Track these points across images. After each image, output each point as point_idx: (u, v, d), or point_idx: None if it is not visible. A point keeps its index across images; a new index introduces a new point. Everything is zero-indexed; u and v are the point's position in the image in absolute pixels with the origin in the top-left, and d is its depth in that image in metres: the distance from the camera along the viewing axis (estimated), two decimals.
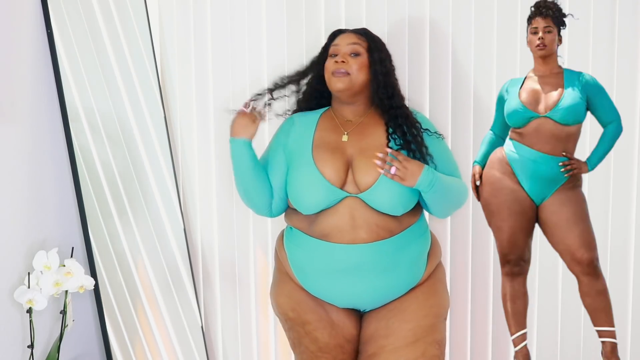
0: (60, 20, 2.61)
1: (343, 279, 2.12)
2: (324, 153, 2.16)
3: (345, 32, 2.25)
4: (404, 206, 2.12)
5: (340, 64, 2.16)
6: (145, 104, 2.85)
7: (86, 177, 2.65)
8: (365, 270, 2.10)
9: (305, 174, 2.15)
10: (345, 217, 2.10)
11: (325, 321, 2.20)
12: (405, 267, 2.13)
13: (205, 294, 3.03)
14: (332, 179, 2.11)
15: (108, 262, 2.71)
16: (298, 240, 2.20)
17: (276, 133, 2.33)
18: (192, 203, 3.00)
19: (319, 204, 2.12)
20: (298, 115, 2.32)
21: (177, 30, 2.95)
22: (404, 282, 2.16)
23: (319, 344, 2.19)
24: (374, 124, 2.21)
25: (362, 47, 2.20)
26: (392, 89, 2.20)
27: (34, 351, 2.42)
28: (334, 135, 2.20)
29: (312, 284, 2.18)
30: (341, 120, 2.23)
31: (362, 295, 2.15)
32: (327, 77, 2.20)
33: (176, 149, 2.97)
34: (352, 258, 2.09)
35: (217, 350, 3.05)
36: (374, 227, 2.10)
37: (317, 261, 2.14)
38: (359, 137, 2.18)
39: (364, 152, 2.14)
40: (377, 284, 2.13)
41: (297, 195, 2.16)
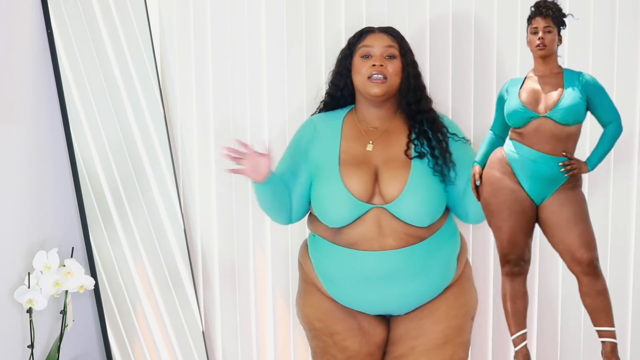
0: (60, 20, 2.61)
1: (374, 286, 2.09)
2: (351, 167, 2.11)
3: (374, 31, 2.19)
4: (431, 217, 2.08)
5: (378, 67, 2.11)
6: (145, 104, 2.85)
7: (86, 177, 2.65)
8: (396, 276, 2.06)
9: (332, 190, 2.10)
10: (373, 226, 2.06)
11: (355, 330, 2.16)
12: (436, 270, 2.11)
13: (205, 295, 3.03)
14: (360, 194, 2.06)
15: (108, 262, 2.71)
16: (324, 249, 2.15)
17: (296, 137, 2.26)
18: (192, 203, 3.00)
19: (346, 219, 2.08)
20: (319, 120, 2.24)
21: (177, 30, 2.95)
22: (436, 286, 2.13)
23: (348, 353, 2.16)
24: (398, 132, 2.15)
25: (396, 49, 2.16)
26: (421, 92, 2.15)
27: (34, 351, 2.42)
28: (358, 145, 2.15)
29: (341, 293, 2.15)
30: (365, 127, 2.17)
31: (394, 302, 2.12)
32: (359, 79, 2.14)
33: (176, 149, 2.96)
34: (382, 265, 2.06)
35: (217, 350, 3.05)
36: (403, 235, 2.06)
37: (346, 270, 2.10)
38: (384, 147, 2.13)
39: (389, 164, 2.09)
40: (409, 290, 2.09)
41: (324, 210, 2.12)
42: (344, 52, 2.21)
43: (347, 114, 2.23)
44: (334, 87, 2.24)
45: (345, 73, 2.20)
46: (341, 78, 2.21)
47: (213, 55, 2.95)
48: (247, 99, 2.96)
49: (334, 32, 2.85)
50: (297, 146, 2.24)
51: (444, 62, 2.88)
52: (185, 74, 2.96)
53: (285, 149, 2.29)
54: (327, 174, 2.13)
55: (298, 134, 2.27)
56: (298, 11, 2.89)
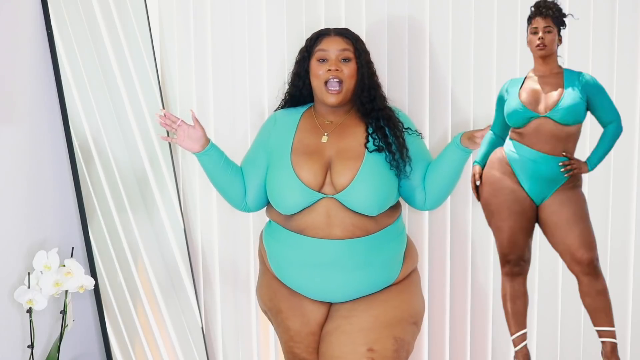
0: (60, 20, 2.61)
1: (316, 273, 2.16)
2: (302, 156, 2.20)
3: (330, 34, 2.26)
4: (379, 207, 2.15)
5: (334, 72, 2.19)
6: (145, 104, 2.85)
7: (86, 177, 2.65)
8: (339, 265, 2.13)
9: (283, 177, 2.19)
10: (321, 216, 2.14)
11: (297, 309, 2.24)
12: (378, 265, 2.16)
13: (205, 294, 3.03)
14: (310, 182, 2.15)
15: (108, 262, 2.71)
16: (276, 233, 2.25)
17: (259, 131, 2.39)
18: (192, 203, 3.00)
19: (296, 206, 2.16)
20: (280, 114, 2.36)
21: (177, 30, 2.95)
22: (377, 280, 2.18)
23: (291, 333, 2.24)
24: (354, 125, 2.25)
25: (351, 51, 2.23)
26: (375, 91, 2.23)
27: (34, 351, 2.42)
28: (313, 137, 2.24)
29: (286, 276, 2.23)
30: (321, 121, 2.26)
31: (335, 290, 2.18)
32: (316, 85, 2.23)
33: (176, 149, 2.97)
34: (326, 253, 2.13)
35: (217, 350, 3.05)
36: (350, 226, 2.13)
37: (292, 254, 2.18)
38: (338, 139, 2.22)
39: (342, 154, 2.18)
40: (350, 280, 2.16)
41: (275, 197, 2.21)
42: (302, 54, 2.31)
43: (306, 110, 2.33)
44: (294, 88, 2.33)
45: (303, 74, 2.30)
46: (300, 79, 2.31)
47: (213, 55, 2.95)
48: (247, 98, 2.96)
49: None
50: (259, 139, 2.36)
51: (444, 62, 2.88)
52: (185, 74, 2.96)
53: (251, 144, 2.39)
54: (279, 162, 2.23)
55: (261, 128, 2.40)
56: (298, 11, 2.89)
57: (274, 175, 2.23)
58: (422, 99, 2.90)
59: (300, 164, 2.18)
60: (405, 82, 2.90)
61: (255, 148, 2.34)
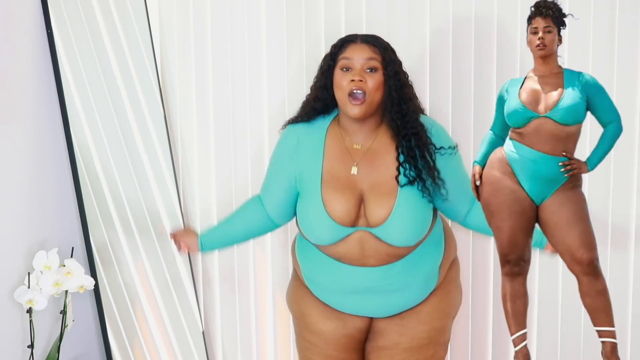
0: (60, 20, 2.61)
1: (354, 296, 2.10)
2: (333, 191, 2.06)
3: (356, 41, 2.08)
4: (417, 239, 2.06)
5: (357, 82, 2.01)
6: (145, 104, 2.85)
7: (86, 177, 2.65)
8: (376, 290, 2.07)
9: (314, 213, 2.07)
10: (355, 248, 2.05)
11: (330, 313, 2.17)
12: (417, 283, 2.11)
13: (205, 295, 3.03)
14: (343, 220, 2.03)
15: (108, 262, 2.71)
16: (310, 254, 2.15)
17: (278, 149, 2.20)
18: (192, 203, 3.00)
19: (326, 240, 2.06)
20: (302, 131, 2.16)
21: (177, 30, 2.95)
22: (417, 297, 2.13)
23: (325, 335, 2.17)
24: (384, 151, 2.08)
25: (378, 60, 2.05)
26: (406, 105, 2.06)
27: (34, 351, 2.42)
28: (343, 166, 2.08)
29: (322, 295, 2.17)
30: (349, 144, 2.10)
31: (373, 310, 2.14)
32: (340, 96, 2.05)
33: (176, 149, 2.96)
34: (362, 280, 2.06)
35: (217, 350, 3.05)
36: (385, 256, 2.06)
37: (328, 278, 2.11)
38: (369, 169, 2.06)
39: (375, 189, 2.03)
40: (389, 302, 2.11)
41: (306, 230, 2.11)
42: (327, 62, 2.12)
43: (330, 125, 2.15)
44: (319, 101, 2.14)
45: (328, 85, 2.11)
46: (325, 91, 2.12)
47: (213, 55, 2.95)
48: (247, 98, 2.96)
49: (334, 32, 2.85)
50: (279, 161, 2.19)
51: (444, 62, 2.88)
52: (185, 74, 2.96)
53: (270, 160, 2.24)
54: (309, 195, 2.09)
55: (280, 147, 2.20)
56: (298, 11, 2.89)
57: (305, 209, 2.10)
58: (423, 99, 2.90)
59: (332, 201, 2.04)
60: None
61: (277, 171, 2.18)
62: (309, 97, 2.18)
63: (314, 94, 2.15)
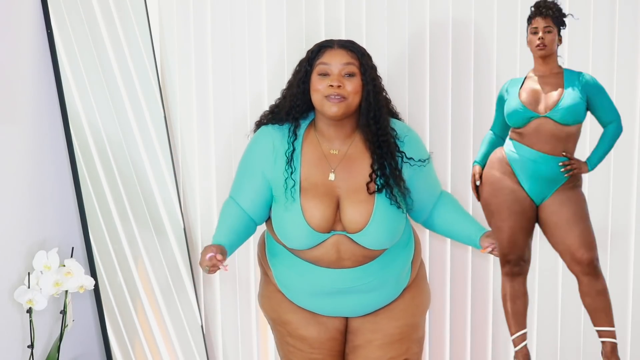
0: (60, 20, 2.61)
1: (329, 299, 2.12)
2: (312, 198, 2.06)
3: (333, 47, 2.08)
4: (393, 241, 2.09)
5: (336, 88, 2.01)
6: (145, 104, 2.85)
7: (86, 177, 2.65)
8: (352, 290, 2.10)
9: (292, 220, 2.06)
10: (331, 251, 2.06)
11: (308, 318, 2.18)
12: (392, 281, 2.13)
13: (205, 294, 3.03)
14: (320, 227, 2.03)
15: (108, 262, 2.71)
16: (283, 259, 2.14)
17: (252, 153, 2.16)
18: (192, 203, 3.00)
19: (304, 245, 2.07)
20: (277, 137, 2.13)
21: (177, 30, 2.95)
22: (392, 294, 2.16)
23: (309, 341, 2.18)
24: (359, 157, 2.09)
25: (355, 66, 2.05)
26: (379, 112, 2.06)
27: (34, 351, 2.42)
28: (320, 173, 2.08)
29: (296, 299, 2.17)
30: (326, 149, 2.10)
31: (349, 310, 2.16)
32: (317, 98, 2.05)
33: (176, 149, 2.97)
34: (337, 281, 2.08)
35: (217, 350, 3.05)
36: (360, 257, 2.08)
37: (302, 282, 2.11)
38: (346, 175, 2.07)
39: (351, 195, 2.04)
40: (364, 301, 2.13)
41: (282, 235, 2.09)
42: (303, 67, 2.10)
43: (305, 130, 2.13)
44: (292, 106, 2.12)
45: (302, 89, 2.10)
46: (298, 98, 2.10)
47: (213, 55, 2.95)
48: (247, 98, 2.96)
49: (334, 32, 2.85)
50: (254, 163, 2.15)
51: (444, 62, 2.89)
52: (185, 74, 2.96)
53: (242, 160, 2.22)
54: (287, 202, 2.07)
55: (254, 148, 2.16)
56: (298, 11, 2.89)
57: (282, 216, 2.09)
58: (423, 99, 2.90)
59: (311, 209, 2.04)
60: (405, 82, 2.90)
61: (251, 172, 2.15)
62: (282, 101, 2.17)
63: (290, 99, 2.14)
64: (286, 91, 2.16)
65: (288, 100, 2.14)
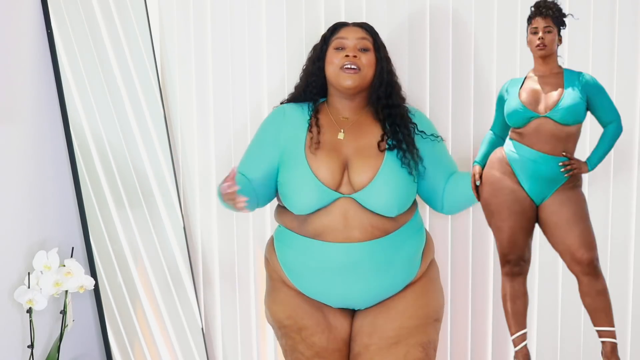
0: (60, 20, 2.61)
1: (337, 278, 2.09)
2: (318, 153, 2.11)
3: (348, 25, 2.19)
4: (399, 207, 2.08)
5: (351, 58, 2.10)
6: (145, 104, 2.85)
7: (86, 177, 2.66)
8: (360, 269, 2.07)
9: (299, 176, 2.09)
10: (339, 217, 2.06)
11: (323, 325, 2.17)
12: (400, 265, 2.11)
13: (205, 294, 3.03)
14: (327, 181, 2.06)
15: (108, 262, 2.71)
16: (289, 240, 2.15)
17: (265, 125, 2.25)
18: (192, 203, 3.00)
19: (312, 205, 2.07)
20: (289, 108, 2.23)
21: (177, 30, 2.95)
22: (399, 280, 2.14)
23: (316, 349, 2.16)
24: (370, 123, 2.16)
25: (370, 42, 2.15)
26: (392, 88, 2.16)
27: (34, 351, 2.42)
28: (329, 133, 2.14)
29: (305, 283, 2.15)
30: (336, 117, 2.18)
31: (357, 294, 2.13)
32: (332, 71, 2.13)
33: (176, 149, 2.97)
34: (346, 257, 2.06)
35: (217, 350, 3.05)
36: (368, 227, 2.06)
37: (310, 260, 2.10)
38: (355, 136, 2.12)
39: (360, 152, 2.09)
40: (372, 283, 2.10)
41: (290, 196, 2.11)
42: (319, 46, 2.20)
43: (319, 104, 2.22)
44: (308, 84, 2.21)
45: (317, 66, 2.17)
46: (313, 75, 2.19)
47: (213, 55, 2.95)
48: (247, 98, 2.96)
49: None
50: (267, 133, 2.22)
51: (444, 62, 2.88)
52: (185, 74, 2.96)
53: (254, 137, 2.26)
54: (294, 160, 2.12)
55: (267, 122, 2.24)
56: (298, 11, 2.89)
57: (289, 174, 2.12)
58: (423, 99, 2.90)
59: (317, 162, 2.08)
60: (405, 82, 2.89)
61: (263, 145, 2.21)
62: (298, 84, 2.27)
63: (305, 79, 2.23)
64: (302, 73, 2.22)
65: (304, 80, 2.22)
